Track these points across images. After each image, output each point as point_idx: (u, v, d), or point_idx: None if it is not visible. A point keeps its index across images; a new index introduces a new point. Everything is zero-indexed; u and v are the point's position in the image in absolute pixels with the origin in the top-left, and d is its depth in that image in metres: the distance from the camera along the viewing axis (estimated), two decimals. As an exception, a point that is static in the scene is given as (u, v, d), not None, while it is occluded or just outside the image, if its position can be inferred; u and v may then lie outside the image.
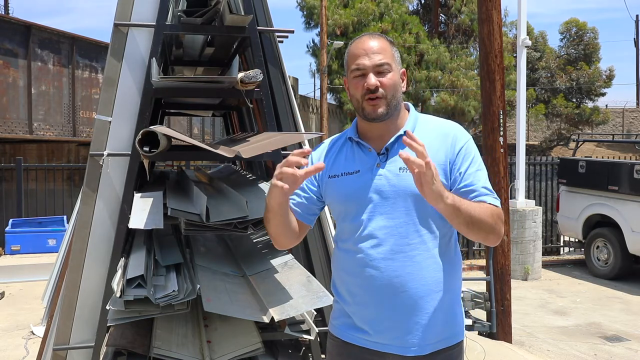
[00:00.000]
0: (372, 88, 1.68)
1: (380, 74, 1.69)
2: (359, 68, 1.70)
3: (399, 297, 1.66)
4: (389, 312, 1.68)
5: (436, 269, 1.68)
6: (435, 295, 1.68)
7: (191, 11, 2.97)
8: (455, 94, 20.62)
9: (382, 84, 1.69)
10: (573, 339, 5.66)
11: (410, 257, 1.66)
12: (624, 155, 15.80)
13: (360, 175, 1.73)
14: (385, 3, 20.99)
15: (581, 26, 23.88)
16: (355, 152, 1.77)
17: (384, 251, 1.66)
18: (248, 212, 2.45)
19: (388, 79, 1.69)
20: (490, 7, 5.24)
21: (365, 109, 1.71)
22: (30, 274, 6.95)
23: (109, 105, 2.87)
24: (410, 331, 1.67)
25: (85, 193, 2.86)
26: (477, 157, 1.74)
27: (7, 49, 9.02)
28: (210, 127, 14.31)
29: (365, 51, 1.70)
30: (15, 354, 4.52)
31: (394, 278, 1.66)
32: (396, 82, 1.71)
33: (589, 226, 8.44)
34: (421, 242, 1.67)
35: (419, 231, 1.67)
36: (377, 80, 1.68)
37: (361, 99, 1.71)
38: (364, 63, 1.69)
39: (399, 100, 1.75)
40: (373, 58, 1.69)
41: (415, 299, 1.66)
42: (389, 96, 1.70)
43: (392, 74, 1.70)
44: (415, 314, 1.67)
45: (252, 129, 4.08)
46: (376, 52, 1.70)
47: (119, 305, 2.35)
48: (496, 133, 5.24)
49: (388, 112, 1.70)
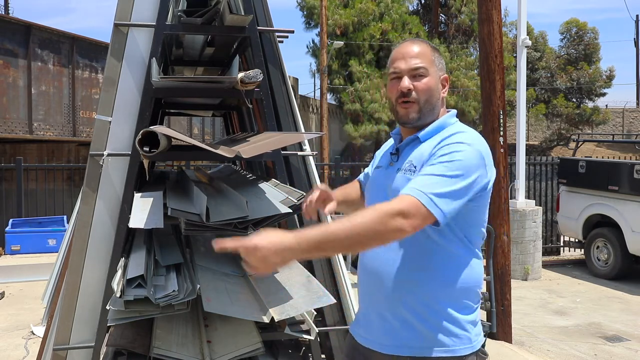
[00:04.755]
0: (404, 91, 1.70)
1: (415, 78, 1.70)
2: (395, 71, 1.73)
3: (376, 289, 1.70)
4: (367, 304, 1.76)
5: (411, 269, 1.64)
6: (406, 297, 1.64)
7: (191, 11, 2.97)
8: (455, 94, 20.62)
9: (416, 88, 1.70)
10: (573, 339, 5.66)
11: (386, 258, 1.67)
12: (624, 155, 15.79)
13: (380, 170, 1.84)
14: (385, 3, 20.98)
15: (581, 26, 23.89)
16: (390, 149, 1.86)
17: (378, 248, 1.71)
18: (248, 212, 2.45)
19: (422, 84, 1.70)
20: (490, 7, 5.24)
21: (399, 112, 1.74)
22: (30, 274, 6.94)
23: (109, 105, 2.86)
24: (379, 326, 1.70)
25: (85, 193, 2.86)
26: (446, 159, 1.57)
27: (7, 49, 9.02)
28: (210, 127, 14.31)
29: (403, 55, 1.73)
30: (15, 354, 4.52)
31: (372, 274, 1.72)
32: (432, 87, 1.71)
33: (589, 226, 8.44)
34: (402, 244, 1.64)
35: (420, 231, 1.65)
36: (411, 83, 1.70)
37: (395, 102, 1.74)
38: (400, 66, 1.72)
39: (434, 105, 1.73)
40: (409, 62, 1.71)
41: (387, 294, 1.67)
42: (422, 101, 1.70)
43: (428, 78, 1.70)
44: (386, 309, 1.68)
45: (252, 129, 4.08)
46: (413, 57, 1.71)
47: (119, 305, 2.35)
48: (496, 133, 5.24)
49: (420, 117, 1.71)
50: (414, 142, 1.73)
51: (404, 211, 1.46)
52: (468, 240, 1.67)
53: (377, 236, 1.46)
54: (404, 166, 1.70)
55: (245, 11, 3.00)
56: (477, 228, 1.70)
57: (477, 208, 1.66)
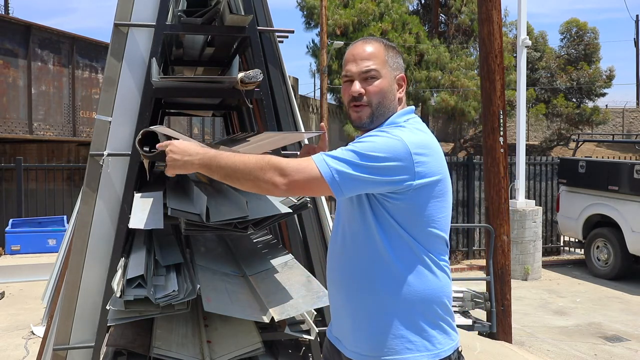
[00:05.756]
0: (355, 95, 1.66)
1: (366, 81, 1.66)
2: (347, 74, 1.70)
3: (336, 290, 1.71)
4: (333, 305, 1.76)
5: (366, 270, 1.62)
6: (362, 300, 1.62)
7: (191, 11, 2.97)
8: (455, 94, 20.63)
9: (367, 92, 1.66)
10: (573, 339, 5.66)
11: (348, 257, 1.67)
12: (624, 155, 15.80)
13: None
14: (385, 3, 20.99)
15: (581, 26, 23.87)
16: None
17: (337, 247, 1.72)
18: (248, 212, 2.45)
19: (374, 87, 1.65)
20: (490, 7, 5.24)
21: (351, 116, 1.71)
22: (30, 274, 6.94)
23: (109, 105, 2.86)
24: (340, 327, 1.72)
25: (85, 193, 2.86)
26: (361, 140, 1.56)
27: (7, 49, 9.02)
28: (210, 127, 14.31)
29: (354, 57, 1.68)
30: (15, 354, 4.52)
31: (334, 272, 1.72)
32: (384, 89, 1.66)
33: (589, 226, 8.45)
34: (366, 245, 1.62)
35: (365, 233, 1.62)
36: (362, 87, 1.66)
37: (347, 106, 1.71)
38: (351, 69, 1.68)
39: (388, 107, 1.68)
40: (360, 65, 1.66)
41: (344, 295, 1.67)
42: (374, 104, 1.66)
43: (380, 80, 1.65)
44: (345, 311, 1.68)
45: (252, 129, 4.08)
46: (365, 59, 1.66)
47: (119, 305, 2.35)
48: (496, 133, 5.25)
49: (372, 120, 1.67)
50: None
51: (283, 168, 1.52)
52: (422, 249, 1.60)
53: (252, 179, 1.54)
54: None
55: (245, 11, 3.00)
56: (423, 232, 1.60)
57: (412, 208, 1.57)
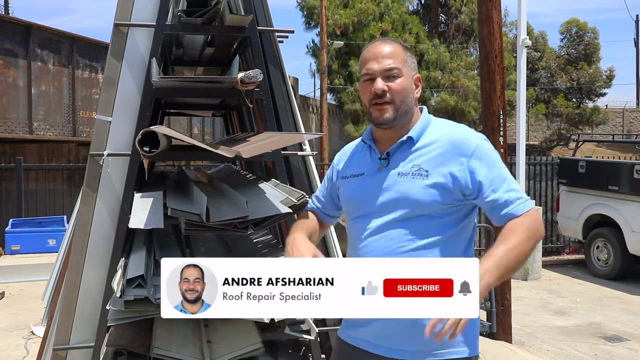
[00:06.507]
0: (379, 92, 1.66)
1: (388, 79, 1.66)
2: (368, 72, 1.69)
3: None
4: None
5: None
6: None
7: (191, 11, 2.97)
8: (455, 94, 20.62)
9: (390, 89, 1.66)
10: (573, 339, 5.66)
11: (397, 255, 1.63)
12: (624, 155, 15.80)
13: (364, 178, 1.74)
14: (385, 3, 20.98)
15: (581, 26, 23.86)
16: (365, 155, 1.78)
17: (374, 254, 1.65)
18: (248, 212, 2.45)
19: (397, 84, 1.66)
20: (490, 7, 5.24)
21: (373, 114, 1.69)
22: (30, 274, 6.94)
23: (109, 105, 2.86)
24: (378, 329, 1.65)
25: (85, 193, 2.86)
26: (491, 157, 1.65)
27: (7, 49, 9.02)
28: (210, 127, 14.31)
29: (375, 55, 1.68)
30: (15, 354, 4.51)
31: None
32: (406, 88, 1.68)
33: (589, 226, 8.45)
34: (414, 249, 1.62)
35: (413, 239, 1.62)
36: (385, 85, 1.66)
37: (369, 104, 1.70)
38: (373, 67, 1.67)
39: (410, 106, 1.70)
40: (382, 62, 1.66)
41: None
42: (397, 101, 1.66)
43: (402, 79, 1.67)
44: None
45: (252, 129, 4.08)
46: (386, 57, 1.67)
47: (119, 305, 2.35)
48: (496, 133, 5.25)
49: (396, 117, 1.67)
50: (406, 143, 1.70)
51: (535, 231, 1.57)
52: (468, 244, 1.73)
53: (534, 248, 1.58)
54: (408, 170, 1.65)
55: (245, 11, 3.00)
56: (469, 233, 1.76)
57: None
